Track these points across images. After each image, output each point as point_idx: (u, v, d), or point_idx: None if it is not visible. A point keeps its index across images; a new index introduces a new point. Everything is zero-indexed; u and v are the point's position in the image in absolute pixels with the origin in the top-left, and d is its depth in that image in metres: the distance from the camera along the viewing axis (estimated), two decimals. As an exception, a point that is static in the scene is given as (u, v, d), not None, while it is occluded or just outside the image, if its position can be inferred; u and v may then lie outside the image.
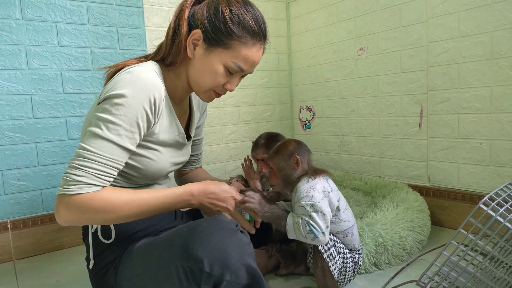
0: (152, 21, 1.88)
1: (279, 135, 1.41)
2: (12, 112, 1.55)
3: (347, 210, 1.12)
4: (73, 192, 0.76)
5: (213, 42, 0.90)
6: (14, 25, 1.53)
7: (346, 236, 1.11)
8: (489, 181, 1.54)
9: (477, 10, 1.50)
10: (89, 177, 0.78)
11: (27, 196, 1.61)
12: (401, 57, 1.80)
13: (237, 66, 0.92)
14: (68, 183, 0.77)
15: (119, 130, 0.80)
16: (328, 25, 2.17)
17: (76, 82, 1.68)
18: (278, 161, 1.11)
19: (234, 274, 0.74)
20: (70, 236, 1.69)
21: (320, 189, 1.04)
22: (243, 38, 0.90)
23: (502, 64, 1.46)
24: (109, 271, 0.94)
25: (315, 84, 2.32)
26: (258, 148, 1.37)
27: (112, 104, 0.80)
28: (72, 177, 0.77)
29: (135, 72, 0.84)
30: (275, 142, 1.32)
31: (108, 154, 0.79)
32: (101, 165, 0.79)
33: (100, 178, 0.79)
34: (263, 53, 0.97)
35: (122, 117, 0.80)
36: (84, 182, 0.77)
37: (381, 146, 1.96)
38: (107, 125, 0.80)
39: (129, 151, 0.84)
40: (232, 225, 0.80)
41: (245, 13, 0.90)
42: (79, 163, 0.77)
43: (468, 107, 1.57)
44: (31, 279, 1.39)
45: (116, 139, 0.80)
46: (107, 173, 0.80)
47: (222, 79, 0.94)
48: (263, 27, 0.94)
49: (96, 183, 0.78)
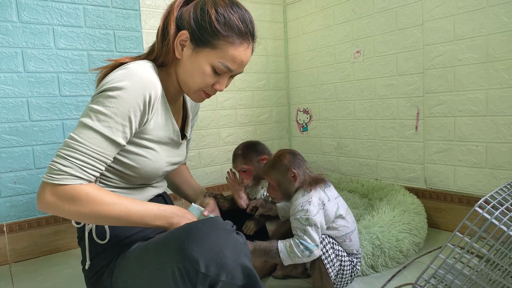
0: (149, 23, 1.88)
1: (257, 144, 1.36)
2: (8, 114, 1.55)
3: (348, 216, 1.12)
4: (57, 182, 0.77)
5: (199, 42, 0.90)
6: (10, 28, 1.53)
7: (344, 242, 1.11)
8: (485, 184, 1.55)
9: (473, 14, 1.51)
10: (74, 168, 0.78)
11: (23, 199, 1.60)
12: (397, 60, 1.81)
13: (224, 66, 0.92)
14: (54, 172, 0.77)
15: (110, 123, 0.80)
16: (325, 28, 2.18)
17: (72, 85, 1.68)
18: (275, 176, 1.12)
19: (230, 275, 0.74)
20: (66, 239, 1.68)
21: (316, 202, 1.05)
22: (229, 38, 0.90)
23: (497, 67, 1.46)
24: (105, 273, 0.94)
25: (312, 86, 2.32)
26: (237, 159, 1.33)
27: (106, 97, 0.80)
28: (58, 167, 0.77)
29: (132, 68, 0.85)
30: (254, 151, 1.30)
31: (95, 146, 0.79)
32: (87, 157, 0.79)
33: (86, 171, 0.79)
34: (252, 53, 0.97)
35: (114, 109, 0.80)
36: (69, 173, 0.77)
37: (378, 148, 1.96)
38: (98, 116, 0.79)
39: (118, 145, 0.83)
40: (227, 226, 0.80)
41: (231, 13, 0.90)
42: (66, 153, 0.78)
43: (464, 109, 1.58)
44: (27, 282, 1.38)
45: (106, 131, 0.80)
46: (93, 166, 0.80)
47: (211, 80, 0.94)
48: (250, 26, 0.93)
49: (81, 175, 0.78)
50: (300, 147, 2.47)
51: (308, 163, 1.18)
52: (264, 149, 1.32)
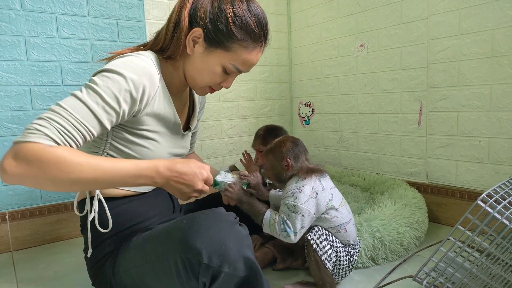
0: (152, 13, 1.87)
1: (279, 129, 1.42)
2: (11, 103, 1.55)
3: (342, 208, 1.12)
4: (28, 139, 0.70)
5: (213, 42, 0.90)
6: (13, 16, 1.52)
7: (339, 232, 1.12)
8: (487, 179, 1.55)
9: (478, 8, 1.50)
10: (51, 130, 0.72)
11: (26, 188, 1.60)
12: (401, 54, 1.80)
13: (235, 68, 0.93)
14: (27, 132, 0.71)
15: (98, 99, 0.78)
16: (328, 21, 2.17)
17: (75, 74, 1.67)
18: (271, 159, 1.15)
19: (232, 266, 0.74)
20: (68, 227, 1.69)
21: (307, 191, 1.06)
22: (244, 42, 0.90)
23: (502, 62, 1.46)
24: (107, 262, 0.95)
25: (315, 80, 2.32)
26: (256, 139, 1.40)
27: (99, 77, 0.80)
28: (34, 126, 0.72)
29: (129, 57, 0.85)
30: (273, 135, 1.33)
31: (79, 116, 0.75)
32: (68, 123, 0.74)
33: (62, 135, 0.73)
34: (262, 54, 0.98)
35: (105, 88, 0.79)
36: (44, 133, 0.71)
37: (380, 142, 1.96)
38: (88, 90, 0.78)
39: (102, 124, 0.79)
40: (230, 218, 0.80)
41: (248, 15, 0.89)
42: (46, 116, 0.73)
43: (468, 104, 1.57)
44: (29, 270, 1.39)
45: (92, 105, 0.77)
46: (72, 135, 0.74)
47: (219, 79, 0.95)
48: (265, 29, 0.94)
49: (55, 138, 0.72)
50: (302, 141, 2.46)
51: (310, 156, 1.19)
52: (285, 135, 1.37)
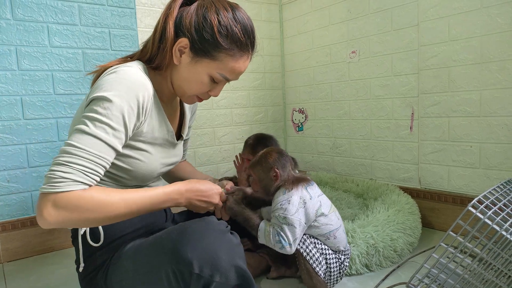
0: (145, 22, 1.88)
1: (269, 138, 1.39)
2: (2, 112, 1.54)
3: (331, 214, 1.13)
4: (60, 189, 0.72)
5: (200, 52, 0.90)
6: (4, 25, 1.52)
7: (328, 239, 1.12)
8: (479, 184, 1.56)
9: (468, 15, 1.52)
10: (76, 174, 0.74)
11: (17, 198, 1.59)
12: (392, 61, 1.82)
13: (223, 76, 0.93)
14: (54, 180, 0.72)
15: (106, 128, 0.78)
16: (320, 28, 2.18)
17: (67, 83, 1.67)
18: (259, 172, 1.15)
19: (224, 276, 0.74)
20: (60, 238, 1.67)
21: (295, 201, 1.07)
22: (231, 51, 0.90)
23: (491, 68, 1.47)
24: (99, 273, 0.94)
25: (307, 86, 2.33)
26: (245, 148, 1.38)
27: (99, 104, 0.79)
28: (58, 174, 0.72)
29: (121, 72, 0.83)
30: (262, 145, 1.32)
31: (95, 151, 0.76)
32: (88, 161, 0.75)
33: (88, 176, 0.75)
34: (250, 61, 0.98)
35: (109, 115, 0.79)
36: (71, 179, 0.73)
37: (373, 148, 1.97)
38: (94, 122, 0.78)
39: (116, 150, 0.81)
40: (222, 227, 0.80)
41: (233, 24, 0.89)
42: (65, 160, 0.74)
43: (459, 110, 1.59)
44: (20, 282, 1.37)
45: (103, 136, 0.78)
46: (95, 171, 0.77)
47: (207, 88, 0.95)
48: (252, 37, 0.93)
49: (83, 181, 0.75)
50: (295, 147, 2.47)
51: (303, 162, 1.19)
52: (274, 144, 1.36)
